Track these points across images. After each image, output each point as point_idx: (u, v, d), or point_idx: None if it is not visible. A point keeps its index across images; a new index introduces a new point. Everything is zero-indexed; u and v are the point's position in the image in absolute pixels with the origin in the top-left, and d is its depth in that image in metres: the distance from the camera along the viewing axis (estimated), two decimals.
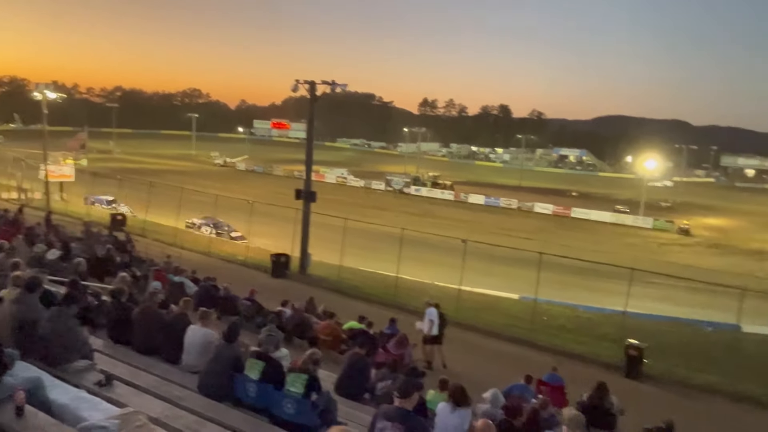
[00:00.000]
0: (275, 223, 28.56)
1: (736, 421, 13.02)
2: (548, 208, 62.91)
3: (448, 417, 5.58)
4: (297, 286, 20.21)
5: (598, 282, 25.31)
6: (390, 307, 18.24)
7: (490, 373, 12.20)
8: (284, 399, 5.33)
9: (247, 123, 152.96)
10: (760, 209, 76.45)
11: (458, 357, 14.27)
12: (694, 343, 17.83)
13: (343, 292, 20.25)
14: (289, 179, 63.41)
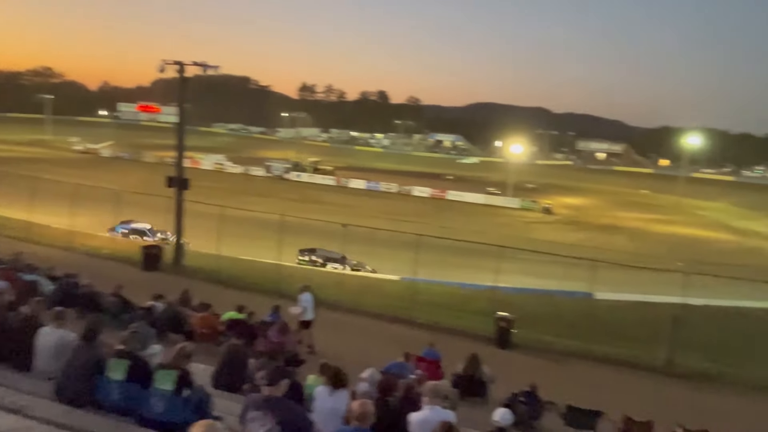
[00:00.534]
0: (146, 213, 26.75)
1: (593, 378, 14.47)
2: (426, 191, 65.26)
3: (325, 400, 5.59)
4: (171, 279, 19.13)
5: (472, 260, 26.73)
6: (272, 294, 17.89)
7: (371, 354, 12.41)
8: (152, 397, 5.03)
9: (111, 106, 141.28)
10: (609, 189, 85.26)
11: (341, 340, 14.39)
12: (556, 312, 19.51)
13: (222, 283, 19.54)
14: (161, 166, 59.51)
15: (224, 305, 13.08)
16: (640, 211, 63.83)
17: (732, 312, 20.78)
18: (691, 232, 52.50)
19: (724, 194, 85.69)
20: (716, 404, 13.62)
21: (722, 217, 64.54)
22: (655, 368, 15.30)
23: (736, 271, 29.87)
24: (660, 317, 16.53)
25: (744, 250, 44.76)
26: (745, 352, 16.85)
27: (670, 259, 30.68)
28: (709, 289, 22.82)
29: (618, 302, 20.66)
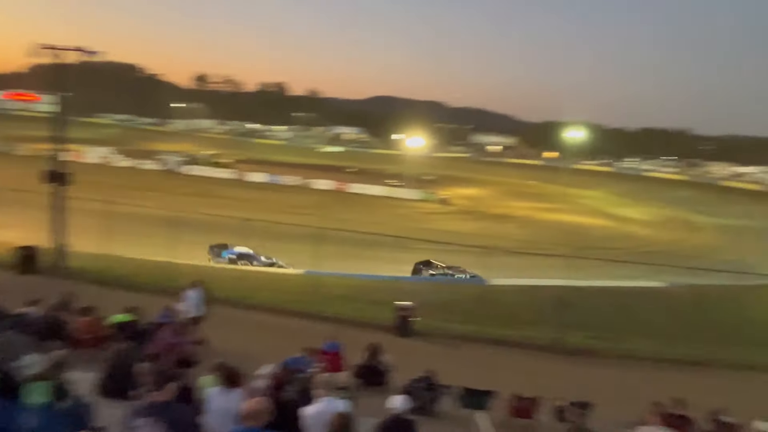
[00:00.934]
0: (22, 211, 24.41)
1: (488, 360, 15.21)
2: (328, 184, 65.07)
3: (219, 400, 5.41)
4: (51, 282, 17.61)
5: (373, 252, 27.05)
6: (165, 294, 17.02)
7: (272, 350, 12.20)
8: (23, 413, 4.59)
9: None
10: (502, 180, 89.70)
11: (241, 337, 14.00)
12: (453, 299, 20.25)
13: (109, 284, 18.29)
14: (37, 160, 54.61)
15: (112, 308, 12.26)
16: (529, 201, 67.78)
17: (610, 291, 22.65)
18: (574, 219, 56.56)
19: (602, 184, 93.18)
20: (597, 376, 14.86)
21: (601, 205, 70.14)
22: (543, 347, 16.37)
23: (613, 254, 32.68)
24: (547, 299, 17.67)
25: (620, 235, 48.99)
26: (622, 327, 18.47)
27: (556, 244, 32.86)
28: (590, 271, 24.78)
29: (510, 287, 21.82)
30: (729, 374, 15.82)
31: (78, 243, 21.44)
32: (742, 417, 9.36)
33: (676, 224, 58.52)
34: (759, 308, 21.05)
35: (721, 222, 59.97)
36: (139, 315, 11.27)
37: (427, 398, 9.44)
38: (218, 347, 12.56)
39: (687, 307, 20.62)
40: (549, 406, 9.99)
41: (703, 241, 49.17)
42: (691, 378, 15.12)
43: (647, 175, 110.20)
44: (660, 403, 8.86)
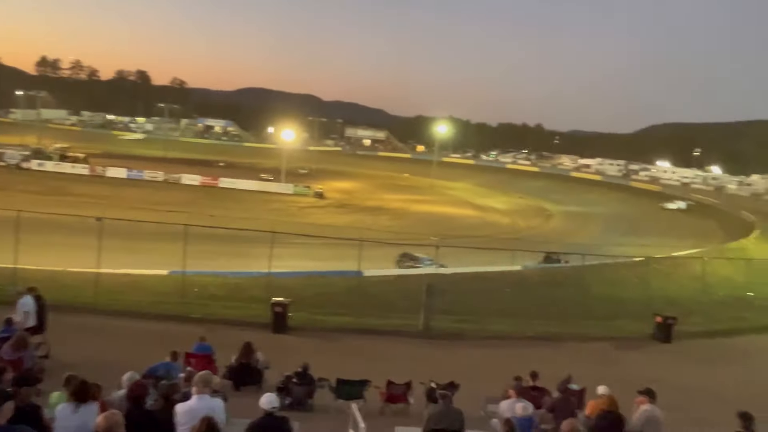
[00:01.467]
0: None
1: (363, 350, 15.47)
2: (196, 179, 62.09)
3: (69, 418, 4.95)
4: None
5: (245, 248, 26.34)
6: (5, 304, 15.22)
7: (136, 358, 11.43)
8: None
9: None
10: (375, 173, 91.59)
11: (100, 346, 12.97)
12: (329, 292, 20.37)
13: None
14: None
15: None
16: (401, 193, 69.96)
17: (475, 276, 24.10)
18: (442, 209, 59.39)
19: (467, 176, 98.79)
20: (464, 357, 15.76)
21: (467, 196, 74.35)
22: (415, 334, 17.04)
23: (478, 242, 34.82)
24: (418, 287, 18.39)
25: (484, 223, 52.33)
26: (486, 309, 19.76)
27: (426, 234, 34.29)
28: (458, 258, 26.20)
29: (384, 277, 22.43)
30: (575, 346, 17.59)
31: None
32: (586, 383, 10.48)
33: (532, 212, 63.70)
34: (600, 286, 23.68)
35: (570, 209, 66.36)
36: None
37: (302, 393, 9.42)
38: (72, 359, 11.50)
39: (540, 288, 22.61)
40: (420, 390, 10.42)
41: (555, 227, 54.11)
42: (545, 352, 16.58)
43: (506, 167, 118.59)
44: (519, 377, 9.65)
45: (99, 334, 14.14)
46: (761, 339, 20.13)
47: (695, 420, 11.16)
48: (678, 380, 14.50)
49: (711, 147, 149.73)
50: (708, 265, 25.87)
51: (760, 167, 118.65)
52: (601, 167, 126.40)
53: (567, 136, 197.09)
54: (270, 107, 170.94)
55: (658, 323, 18.61)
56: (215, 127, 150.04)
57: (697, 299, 23.02)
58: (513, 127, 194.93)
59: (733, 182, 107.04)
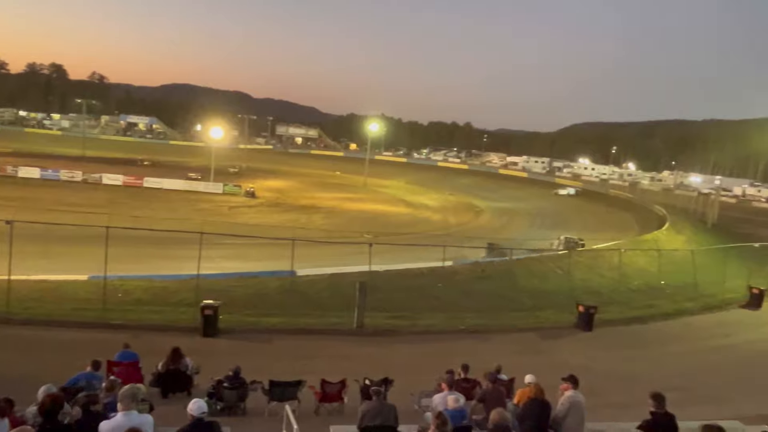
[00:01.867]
0: None
1: (297, 351, 15.31)
2: (118, 179, 59.23)
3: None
4: None
5: (173, 250, 25.42)
6: None
7: (54, 369, 10.79)
8: None
9: None
10: (307, 171, 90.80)
11: (14, 359, 12.15)
12: (262, 293, 19.98)
13: None
14: None
15: None
16: (334, 192, 69.73)
17: (408, 273, 24.36)
18: (375, 207, 59.71)
19: (400, 174, 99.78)
20: (399, 353, 15.94)
21: (399, 194, 75.10)
22: (349, 332, 17.06)
23: (410, 239, 35.28)
24: (352, 285, 18.39)
25: (416, 220, 53.04)
26: (419, 305, 20.03)
27: (360, 232, 34.40)
28: (391, 255, 26.42)
29: (317, 276, 22.22)
30: (504, 337, 18.21)
31: None
32: (515, 373, 10.88)
33: (462, 208, 65.23)
34: (526, 278, 24.59)
35: (498, 205, 68.48)
36: None
37: (234, 397, 9.21)
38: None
39: (470, 283, 23.19)
40: (355, 388, 10.45)
41: (485, 223, 55.66)
42: (476, 344, 17.08)
43: (437, 165, 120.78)
44: (451, 370, 9.88)
45: (13, 346, 13.25)
46: (671, 324, 21.65)
47: (614, 403, 11.85)
48: (599, 366, 15.32)
49: (626, 145, 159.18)
50: (625, 257, 27.45)
51: (669, 164, 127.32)
52: (527, 165, 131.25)
53: (495, 134, 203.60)
54: (197, 104, 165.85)
55: (581, 312, 19.59)
56: (139, 125, 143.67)
57: (615, 288, 24.40)
58: (443, 125, 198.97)
59: (646, 178, 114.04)
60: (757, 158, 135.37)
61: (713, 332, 20.86)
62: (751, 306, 24.94)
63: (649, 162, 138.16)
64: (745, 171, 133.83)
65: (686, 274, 26.36)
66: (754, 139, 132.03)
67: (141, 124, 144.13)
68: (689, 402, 12.03)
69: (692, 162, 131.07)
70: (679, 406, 8.18)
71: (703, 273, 26.55)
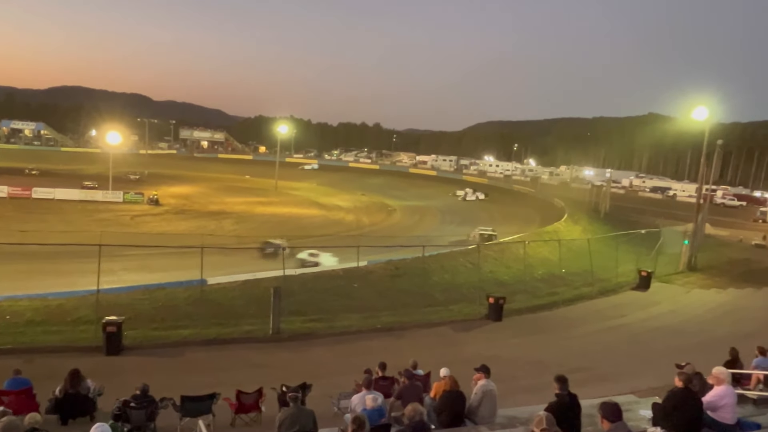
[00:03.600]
0: None
1: (208, 363, 14.78)
2: (3, 190, 54.25)
3: None
4: None
5: (69, 264, 23.68)
6: None
7: None
8: None
9: None
10: (215, 176, 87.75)
11: None
12: (170, 304, 19.07)
13: None
14: None
15: None
16: (244, 196, 67.94)
17: (323, 275, 24.25)
18: (287, 210, 58.83)
19: (311, 176, 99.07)
20: (317, 356, 15.84)
21: (311, 196, 74.48)
22: (265, 339, 16.70)
23: (324, 241, 35.11)
24: (266, 291, 18.02)
25: (330, 222, 52.86)
26: (335, 307, 19.99)
27: (273, 236, 33.73)
28: None
29: (230, 284, 21.54)
30: (419, 332, 18.62)
31: None
32: (431, 367, 11.14)
33: (375, 208, 65.85)
34: (438, 274, 25.26)
35: (410, 204, 69.78)
36: None
37: (142, 417, 8.73)
38: None
39: (385, 281, 23.48)
40: (272, 395, 10.25)
41: (397, 221, 56.52)
42: (392, 342, 17.33)
43: (348, 166, 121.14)
44: (368, 370, 9.95)
45: None
46: (572, 309, 23.12)
47: (524, 387, 12.48)
48: (509, 353, 16.07)
49: (526, 142, 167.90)
50: (529, 248, 28.93)
51: (565, 159, 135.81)
52: (435, 163, 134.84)
53: (404, 134, 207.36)
54: (91, 107, 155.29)
55: (491, 304, 20.43)
56: (24, 131, 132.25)
57: (521, 279, 25.66)
58: (353, 126, 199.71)
59: (546, 173, 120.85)
60: (641, 152, 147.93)
61: (609, 314, 22.53)
62: (640, 288, 27.24)
63: (547, 158, 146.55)
64: (630, 164, 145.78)
65: (584, 262, 28.21)
66: (637, 134, 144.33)
67: (27, 129, 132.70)
68: (590, 381, 12.92)
69: (585, 157, 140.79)
70: (581, 385, 8.76)
71: (599, 260, 28.55)
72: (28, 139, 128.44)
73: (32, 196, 54.17)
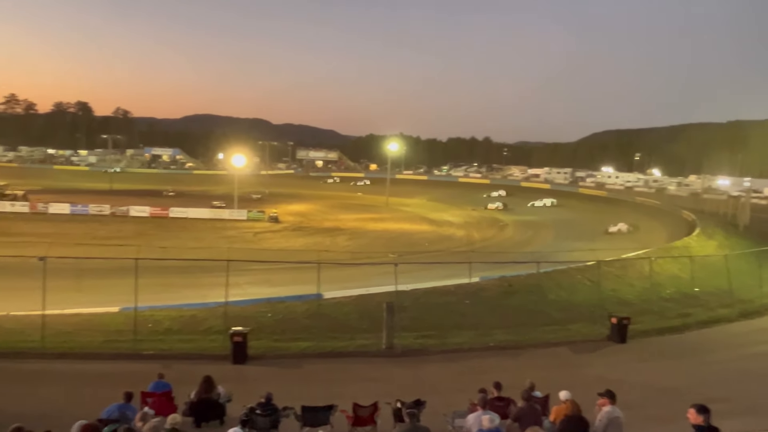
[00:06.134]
0: None
1: (327, 375, 15.28)
2: (145, 210, 60.43)
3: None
4: None
5: (200, 278, 25.69)
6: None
7: (88, 401, 10.96)
8: None
9: None
10: (329, 194, 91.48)
11: (47, 393, 12.39)
12: (289, 318, 20.04)
13: None
14: None
15: None
16: (357, 212, 70.01)
17: (435, 291, 24.21)
18: (398, 226, 59.68)
19: (421, 192, 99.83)
20: (429, 373, 15.78)
21: (421, 211, 75.04)
22: (378, 353, 16.95)
23: (435, 257, 35.12)
24: (379, 306, 18.32)
25: (440, 237, 52.83)
26: (447, 323, 19.84)
27: (384, 252, 34.37)
28: (417, 274, 26.30)
29: (344, 298, 22.21)
30: (535, 352, 17.89)
31: None
32: (549, 389, 10.65)
33: (486, 223, 64.80)
34: (555, 291, 24.19)
35: (522, 218, 67.88)
36: None
37: (266, 424, 9.20)
38: (19, 409, 10.90)
39: (498, 298, 22.91)
40: (387, 410, 10.36)
41: (510, 236, 55.16)
42: (507, 361, 16.81)
43: (458, 181, 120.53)
44: (483, 389, 9.73)
45: (49, 381, 13.49)
46: (708, 332, 21.01)
47: (654, 416, 11.51)
48: (635, 379, 14.92)
49: (650, 151, 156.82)
50: (655, 265, 26.86)
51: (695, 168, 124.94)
52: (549, 176, 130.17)
53: (515, 147, 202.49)
54: (218, 133, 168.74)
55: (613, 324, 19.15)
56: (163, 156, 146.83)
57: (647, 298, 23.83)
58: (462, 141, 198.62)
59: (673, 183, 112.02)
60: None
61: (752, 339, 20.19)
62: None
63: (674, 167, 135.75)
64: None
65: (720, 280, 25.65)
66: None
67: (165, 155, 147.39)
68: (731, 414, 11.61)
69: (719, 165, 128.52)
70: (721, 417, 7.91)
71: (738, 278, 25.80)
72: (165, 163, 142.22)
73: (169, 215, 59.72)
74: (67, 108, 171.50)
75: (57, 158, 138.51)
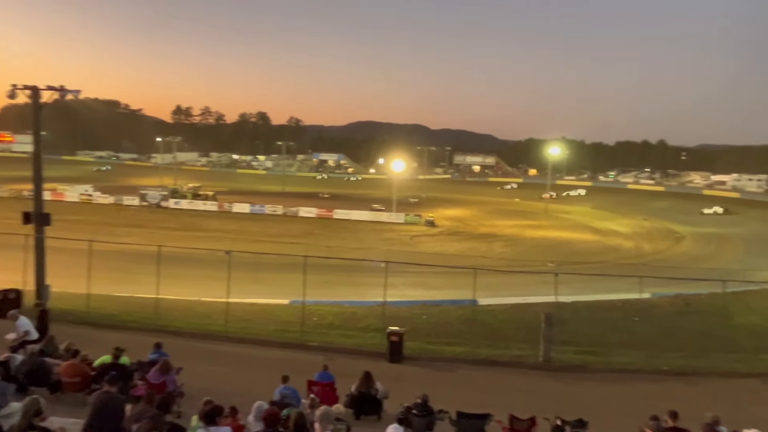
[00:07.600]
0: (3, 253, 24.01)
1: (481, 382, 15.12)
2: (312, 211, 65.07)
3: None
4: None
5: (360, 277, 26.96)
6: (153, 332, 16.79)
7: (262, 384, 12.04)
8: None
9: None
10: (486, 199, 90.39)
11: (229, 372, 13.84)
12: (444, 321, 20.20)
13: (95, 324, 17.96)
14: (18, 200, 53.70)
15: (98, 348, 12.03)
16: (514, 219, 68.25)
17: (597, 305, 22.74)
18: (558, 234, 56.98)
19: (584, 199, 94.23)
20: (589, 392, 14.82)
21: (584, 219, 70.81)
22: (534, 365, 16.32)
23: (599, 268, 32.91)
24: (536, 317, 17.66)
25: (605, 248, 49.42)
26: (610, 340, 18.49)
27: (543, 261, 33.07)
28: (578, 286, 24.91)
29: (500, 306, 21.80)
30: (717, 382, 15.84)
31: (60, 283, 21.11)
32: (735, 426, 9.38)
33: (658, 235, 59.21)
34: (744, 315, 21.26)
35: (703, 230, 60.83)
36: (127, 355, 11.05)
37: (422, 425, 9.34)
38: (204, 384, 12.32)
39: (673, 318, 20.75)
40: (545, 426, 9.91)
41: (686, 250, 49.76)
42: (682, 389, 15.14)
43: (627, 188, 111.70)
44: (656, 416, 8.88)
45: (230, 362, 15.06)
46: None
47: None
48: None
49: None
50: None
51: None
52: (738, 183, 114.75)
53: (694, 151, 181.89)
54: (379, 139, 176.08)
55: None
56: (328, 161, 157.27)
57: None
58: (633, 144, 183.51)
59: None
60: None
61: None
62: None
63: None
64: None
65: None
66: None
67: (330, 160, 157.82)
68: None
69: None
70: None
71: None
72: (331, 168, 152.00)
73: (333, 217, 63.63)
74: (250, 118, 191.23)
75: (240, 163, 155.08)
